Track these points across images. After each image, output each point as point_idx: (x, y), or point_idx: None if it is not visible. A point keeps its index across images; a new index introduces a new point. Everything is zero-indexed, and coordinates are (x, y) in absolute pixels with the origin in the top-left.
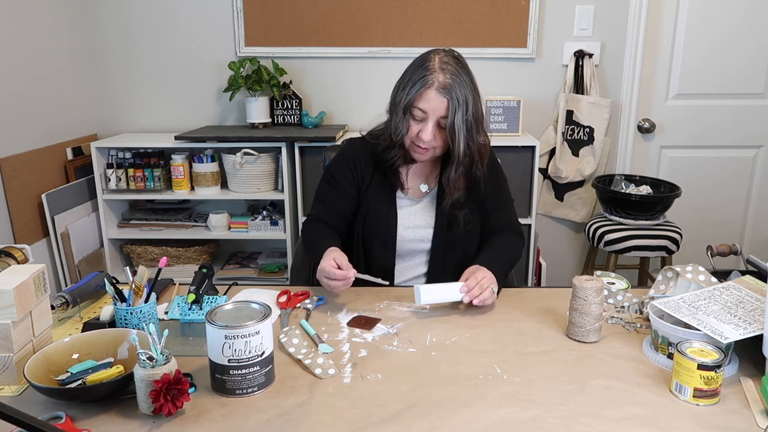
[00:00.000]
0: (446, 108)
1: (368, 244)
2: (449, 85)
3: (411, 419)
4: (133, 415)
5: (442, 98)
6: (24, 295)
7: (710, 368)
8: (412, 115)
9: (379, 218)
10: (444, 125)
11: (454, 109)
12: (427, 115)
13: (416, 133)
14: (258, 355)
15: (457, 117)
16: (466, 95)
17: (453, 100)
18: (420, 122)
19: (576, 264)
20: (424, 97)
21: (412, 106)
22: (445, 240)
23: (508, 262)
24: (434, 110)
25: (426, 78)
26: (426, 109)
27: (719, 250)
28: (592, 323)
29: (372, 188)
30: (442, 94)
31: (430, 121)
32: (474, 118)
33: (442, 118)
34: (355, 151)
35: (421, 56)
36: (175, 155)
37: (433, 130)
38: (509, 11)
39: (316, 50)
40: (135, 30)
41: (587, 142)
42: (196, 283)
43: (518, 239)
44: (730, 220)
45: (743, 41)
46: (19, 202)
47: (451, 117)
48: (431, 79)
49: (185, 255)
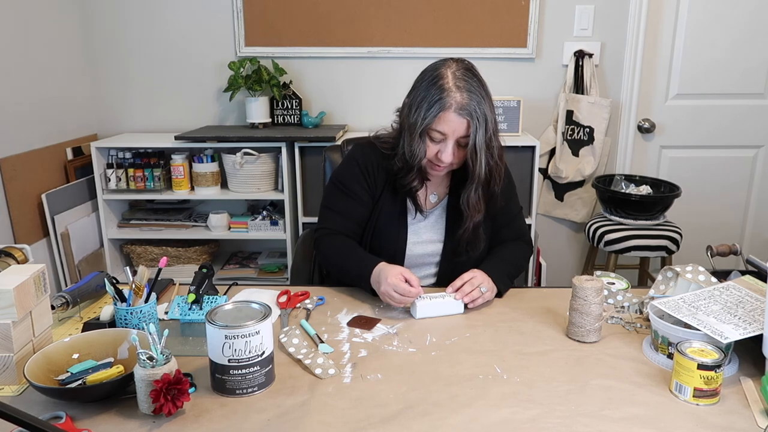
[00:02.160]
0: (467, 128)
1: (375, 252)
2: (467, 105)
3: (411, 419)
4: (134, 415)
5: (462, 119)
6: (24, 295)
7: (710, 368)
8: (430, 137)
9: (389, 233)
10: (464, 143)
11: (475, 129)
12: (446, 137)
13: (435, 153)
14: (258, 355)
15: (479, 136)
16: (484, 112)
17: (474, 120)
18: (438, 143)
19: (576, 264)
20: (443, 119)
21: (431, 131)
22: (455, 253)
23: (512, 266)
24: (454, 131)
25: (443, 100)
26: (445, 132)
27: (719, 250)
28: (592, 323)
29: (384, 198)
30: (462, 115)
31: (450, 142)
32: (493, 132)
33: (462, 138)
34: (366, 157)
35: (432, 70)
36: (175, 155)
37: (453, 150)
38: (509, 11)
39: (316, 50)
40: (135, 30)
41: (587, 142)
42: (196, 283)
43: (526, 247)
44: (730, 220)
45: (743, 41)
46: (19, 202)
47: (472, 137)
48: (449, 101)
49: (185, 255)
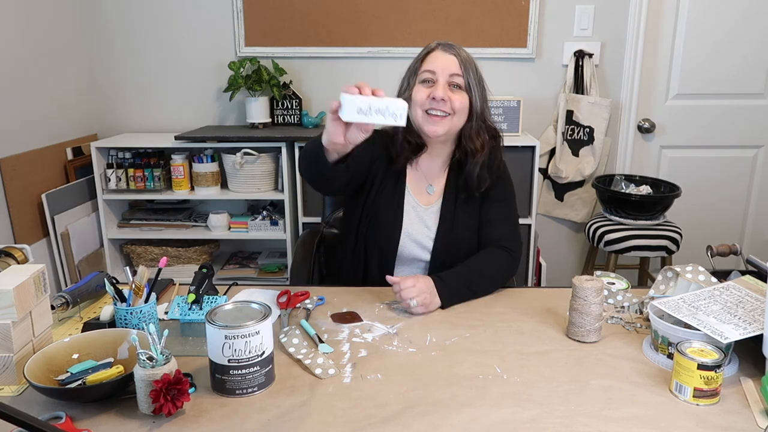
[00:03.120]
0: (457, 65)
1: (369, 248)
2: (452, 45)
3: (411, 419)
4: (133, 415)
5: (449, 55)
6: (24, 295)
7: (710, 368)
8: (421, 81)
9: (384, 226)
10: (458, 84)
11: (464, 66)
12: (435, 75)
13: (427, 95)
14: (258, 355)
15: (469, 75)
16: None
17: (460, 57)
18: (430, 86)
19: (576, 264)
20: (429, 58)
21: (419, 72)
22: (444, 248)
23: (478, 276)
24: (443, 68)
25: (428, 46)
26: (434, 69)
27: (719, 250)
28: (592, 323)
29: (384, 188)
30: (448, 51)
31: (441, 79)
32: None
33: (453, 76)
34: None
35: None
36: (175, 155)
37: (444, 87)
38: (509, 11)
39: (316, 50)
40: (135, 30)
41: (587, 142)
42: (196, 283)
43: (506, 256)
44: (730, 220)
45: (743, 41)
46: (19, 202)
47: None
48: (432, 45)
49: (185, 255)
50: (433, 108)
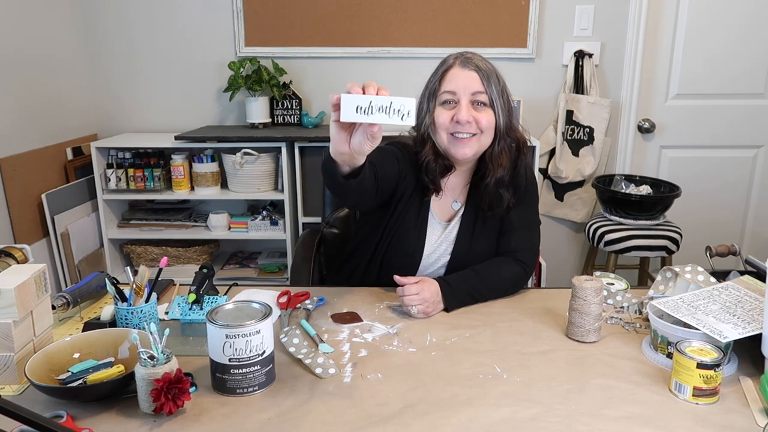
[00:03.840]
0: (478, 81)
1: (386, 264)
2: (471, 58)
3: (411, 419)
4: (134, 414)
5: (469, 71)
6: (25, 295)
7: (709, 367)
8: (442, 103)
9: (406, 248)
10: (482, 101)
11: (485, 80)
12: (457, 96)
13: (450, 118)
14: (258, 355)
15: (492, 89)
16: (494, 70)
17: (481, 72)
18: (452, 108)
19: (576, 264)
20: (448, 77)
21: (438, 94)
22: (462, 263)
23: (484, 285)
24: (464, 87)
25: (445, 62)
26: (454, 89)
27: (718, 250)
28: (592, 323)
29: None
30: (468, 67)
31: (463, 99)
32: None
33: (476, 94)
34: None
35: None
36: (175, 155)
37: (468, 108)
38: (509, 11)
39: (316, 50)
40: (135, 30)
41: (587, 142)
42: (196, 284)
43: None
44: (729, 221)
45: (743, 41)
46: (19, 202)
47: (486, 89)
48: (450, 61)
49: (185, 255)
50: (459, 131)
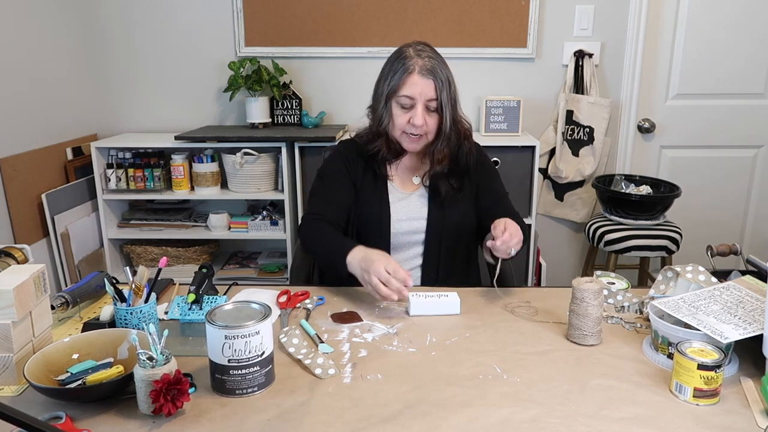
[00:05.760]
0: (434, 89)
1: (363, 237)
2: (431, 66)
3: (411, 419)
4: (133, 415)
5: (427, 80)
6: (24, 295)
7: (710, 368)
8: (400, 104)
9: (372, 211)
10: (433, 107)
11: (440, 88)
12: (414, 101)
13: (407, 120)
14: (258, 355)
15: (443, 95)
16: (447, 75)
17: (437, 80)
18: (408, 110)
19: (576, 264)
20: (408, 82)
21: (397, 95)
22: (439, 231)
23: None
24: (421, 94)
25: (406, 65)
26: (413, 95)
27: (719, 250)
28: (592, 326)
29: (365, 185)
30: (426, 76)
31: (419, 105)
32: (455, 97)
33: (430, 101)
34: (346, 149)
35: (395, 51)
36: (175, 155)
37: (423, 113)
38: (509, 11)
39: (316, 50)
40: (135, 30)
41: (587, 142)
42: (196, 283)
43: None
44: (730, 220)
45: (743, 41)
46: (19, 202)
47: (438, 96)
48: (411, 65)
49: (185, 255)
50: (411, 132)
